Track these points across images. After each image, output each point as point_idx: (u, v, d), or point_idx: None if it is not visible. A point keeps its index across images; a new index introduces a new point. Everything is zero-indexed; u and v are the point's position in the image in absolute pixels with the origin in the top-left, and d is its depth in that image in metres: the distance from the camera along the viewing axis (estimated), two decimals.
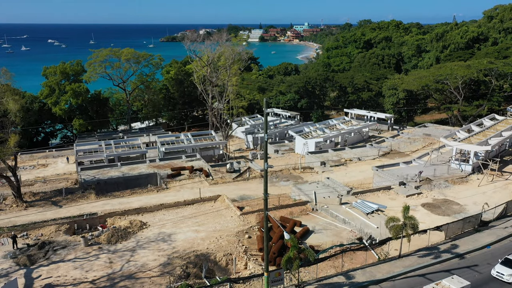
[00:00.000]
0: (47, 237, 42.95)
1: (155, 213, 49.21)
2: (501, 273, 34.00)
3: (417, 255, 38.38)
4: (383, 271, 35.87)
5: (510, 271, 33.55)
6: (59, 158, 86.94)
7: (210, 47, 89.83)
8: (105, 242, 41.44)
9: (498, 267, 34.59)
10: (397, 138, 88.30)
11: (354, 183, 59.87)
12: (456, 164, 61.29)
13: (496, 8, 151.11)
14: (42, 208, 52.65)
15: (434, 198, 51.67)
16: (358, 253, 38.53)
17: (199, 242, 41.23)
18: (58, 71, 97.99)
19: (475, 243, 40.55)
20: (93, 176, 64.39)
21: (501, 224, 44.36)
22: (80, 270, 36.43)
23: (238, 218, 46.98)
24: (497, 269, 34.48)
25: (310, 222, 45.46)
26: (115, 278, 35.19)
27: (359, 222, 44.93)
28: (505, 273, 33.73)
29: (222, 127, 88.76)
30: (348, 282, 34.30)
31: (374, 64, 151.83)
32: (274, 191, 55.44)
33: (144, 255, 39.11)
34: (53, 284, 34.44)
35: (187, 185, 60.87)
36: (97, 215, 47.63)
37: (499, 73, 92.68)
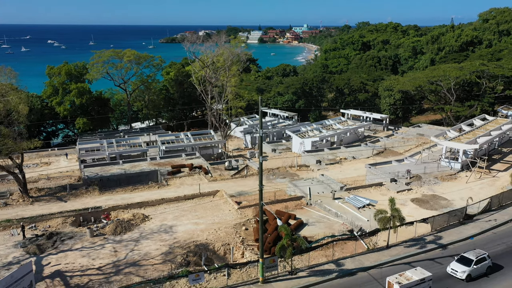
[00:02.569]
0: (54, 228, 45.31)
1: (156, 207, 51.58)
2: (455, 270, 35.27)
3: (403, 245, 40.77)
4: (371, 259, 38.25)
5: (464, 268, 34.88)
6: (61, 157, 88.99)
7: (209, 49, 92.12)
8: (109, 233, 43.79)
9: (453, 264, 35.89)
10: (392, 138, 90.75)
11: (348, 180, 62.13)
12: (446, 162, 63.71)
13: (492, 11, 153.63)
14: (48, 203, 54.89)
15: (423, 194, 54.06)
16: (348, 243, 40.90)
17: (199, 233, 43.61)
18: (63, 72, 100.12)
19: (459, 234, 42.95)
20: (96, 173, 66.67)
21: (485, 218, 46.75)
22: (87, 258, 38.80)
23: (236, 212, 49.36)
24: (451, 266, 35.75)
25: (304, 216, 47.83)
26: (120, 265, 37.56)
27: (351, 216, 47.29)
28: (458, 270, 35.07)
29: (221, 127, 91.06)
30: (338, 269, 36.68)
31: (371, 65, 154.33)
32: (271, 187, 57.66)
33: (147, 245, 41.49)
34: (62, 270, 36.80)
35: (187, 181, 63.21)
36: (102, 209, 49.97)
37: (491, 75, 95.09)
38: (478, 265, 34.96)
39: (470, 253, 36.05)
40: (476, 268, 34.77)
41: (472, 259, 35.11)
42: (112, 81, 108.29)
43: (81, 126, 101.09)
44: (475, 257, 35.25)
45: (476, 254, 35.72)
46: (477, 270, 34.90)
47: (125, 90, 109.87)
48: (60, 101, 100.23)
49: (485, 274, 35.28)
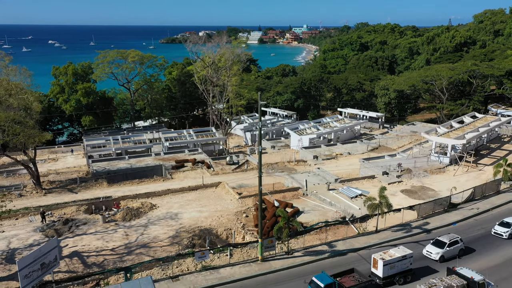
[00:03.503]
0: (69, 215, 48.88)
1: (163, 197, 55.17)
2: (430, 252, 38.77)
3: (391, 230, 44.36)
4: (361, 242, 41.84)
5: (438, 250, 38.34)
6: (68, 153, 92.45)
7: (211, 49, 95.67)
8: (120, 219, 47.39)
9: (428, 246, 39.38)
10: (386, 135, 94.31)
11: (343, 174, 65.62)
12: (435, 157, 67.31)
13: (486, 12, 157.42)
14: (60, 194, 58.40)
15: (413, 185, 57.66)
16: (340, 228, 44.48)
17: (203, 220, 47.21)
18: (70, 71, 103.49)
19: (442, 221, 46.54)
20: (103, 167, 70.16)
21: (468, 206, 50.34)
22: (101, 241, 42.39)
23: (237, 201, 52.96)
24: (427, 249, 39.21)
25: (300, 205, 51.40)
26: (132, 247, 41.17)
27: (344, 205, 50.87)
28: (433, 251, 38.57)
29: (222, 125, 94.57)
30: (330, 250, 40.26)
31: (368, 66, 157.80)
32: (270, 180, 61.22)
33: (155, 229, 45.08)
34: (79, 251, 40.39)
35: (190, 175, 66.72)
36: (112, 198, 53.54)
37: (483, 75, 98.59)
38: (450, 247, 38.57)
39: (444, 237, 39.68)
40: (448, 250, 38.39)
41: (446, 242, 38.74)
42: (116, 80, 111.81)
43: (87, 123, 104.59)
44: (448, 240, 38.87)
45: (449, 238, 39.33)
46: (450, 252, 38.52)
47: (129, 90, 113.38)
48: (66, 99, 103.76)
49: (457, 256, 38.82)
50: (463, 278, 32.21)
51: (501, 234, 42.23)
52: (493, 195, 53.75)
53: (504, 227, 42.65)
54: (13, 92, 58.66)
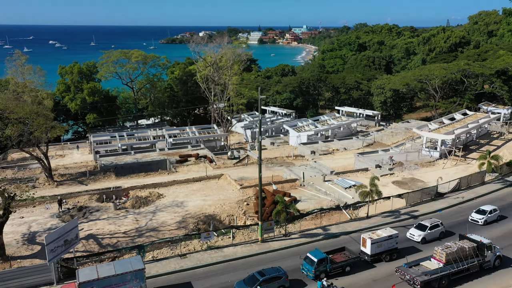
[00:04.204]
0: (82, 203, 52.50)
1: (169, 187, 58.82)
2: (412, 234, 42.64)
3: (381, 216, 48.05)
4: (353, 226, 45.52)
5: (420, 233, 42.17)
6: (74, 150, 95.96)
7: (213, 49, 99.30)
8: (130, 207, 51.07)
9: (412, 229, 43.24)
10: (381, 132, 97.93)
11: (339, 167, 69.25)
12: (426, 151, 70.98)
13: (480, 13, 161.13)
14: (70, 186, 61.94)
15: (403, 177, 61.32)
16: (334, 215, 48.14)
17: (207, 207, 50.88)
18: (75, 71, 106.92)
19: (429, 208, 50.25)
20: (111, 161, 73.75)
21: (454, 195, 54.06)
22: (114, 225, 46.04)
23: (239, 191, 56.60)
24: (410, 231, 43.10)
25: (297, 194, 55.04)
26: (142, 230, 44.84)
27: (338, 194, 54.53)
28: (415, 234, 42.46)
29: (223, 122, 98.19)
30: (324, 233, 43.91)
31: (365, 65, 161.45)
32: (269, 173, 64.73)
33: (163, 216, 48.73)
34: (94, 234, 44.03)
35: (193, 169, 70.31)
36: (121, 188, 57.17)
37: (476, 74, 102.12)
38: (432, 230, 42.41)
39: (426, 221, 43.58)
40: (430, 232, 42.20)
41: (427, 225, 42.61)
42: (119, 79, 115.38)
43: (91, 121, 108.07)
44: (429, 224, 42.73)
45: (431, 222, 43.18)
46: (431, 235, 42.35)
47: (132, 89, 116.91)
48: (72, 98, 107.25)
49: (438, 238, 42.70)
50: (473, 241, 36.95)
51: (477, 221, 45.97)
52: (478, 185, 57.48)
53: (480, 214, 46.37)
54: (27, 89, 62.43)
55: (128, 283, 31.94)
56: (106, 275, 31.40)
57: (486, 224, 45.16)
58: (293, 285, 34.77)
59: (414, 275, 33.77)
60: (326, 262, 35.48)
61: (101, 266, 32.92)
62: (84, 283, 30.67)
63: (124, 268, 32.19)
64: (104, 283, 31.22)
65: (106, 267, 32.59)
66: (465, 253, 35.58)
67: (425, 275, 33.81)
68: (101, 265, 33.46)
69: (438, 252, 35.48)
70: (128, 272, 31.90)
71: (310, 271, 35.22)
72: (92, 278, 30.95)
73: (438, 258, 35.28)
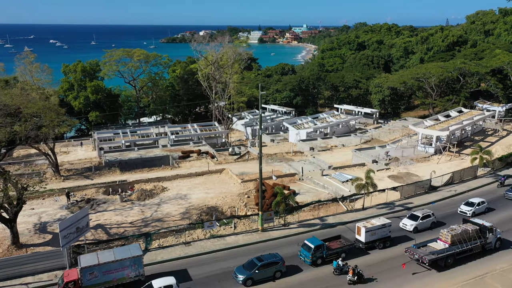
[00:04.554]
0: (90, 196, 54.62)
1: (172, 181, 60.95)
2: (405, 224, 44.91)
3: (376, 208, 50.19)
4: (349, 217, 47.65)
5: (412, 223, 44.39)
6: (78, 147, 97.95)
7: (214, 48, 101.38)
8: (136, 199, 53.24)
9: (404, 220, 45.50)
10: (379, 130, 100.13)
11: (337, 162, 71.29)
12: (421, 147, 73.08)
13: (478, 13, 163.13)
14: (77, 180, 64.00)
15: (399, 172, 63.42)
16: (331, 206, 50.27)
17: (209, 199, 53.02)
18: (79, 69, 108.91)
19: (423, 200, 52.39)
20: (115, 157, 75.78)
21: (447, 189, 56.19)
22: (121, 216, 48.17)
23: (240, 185, 58.73)
24: (403, 221, 45.37)
25: (296, 188, 57.17)
26: (148, 221, 46.98)
27: (335, 188, 56.63)
28: (408, 224, 44.70)
29: (224, 120, 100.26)
30: (321, 223, 46.04)
31: (364, 64, 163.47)
32: (269, 168, 66.85)
33: (167, 207, 50.87)
34: (102, 224, 46.15)
35: (195, 164, 72.36)
36: (127, 182, 59.28)
37: (472, 72, 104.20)
38: (423, 220, 44.62)
39: (418, 211, 45.80)
40: (421, 222, 44.41)
41: (419, 215, 44.84)
42: (122, 78, 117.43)
43: (94, 119, 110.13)
44: (421, 214, 44.97)
45: (422, 212, 45.38)
46: (423, 224, 44.55)
47: (134, 87, 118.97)
48: (75, 96, 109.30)
49: (429, 227, 44.92)
50: (476, 224, 39.83)
51: (465, 213, 48.06)
52: (471, 179, 59.61)
53: (469, 206, 48.51)
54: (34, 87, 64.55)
55: (127, 268, 34.06)
56: (106, 260, 33.50)
57: (474, 215, 47.19)
58: (291, 270, 36.91)
59: (422, 254, 36.62)
60: (323, 248, 37.61)
61: (101, 253, 35.05)
62: (85, 268, 32.75)
63: (123, 255, 34.31)
64: (104, 268, 33.30)
65: (107, 254, 34.73)
66: (469, 235, 38.56)
67: (432, 254, 36.74)
68: (101, 252, 35.58)
69: (444, 234, 38.50)
70: (127, 258, 34.02)
71: (307, 257, 37.37)
72: (93, 264, 33.07)
73: (444, 240, 38.31)
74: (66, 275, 33.17)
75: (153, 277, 34.46)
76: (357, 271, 34.86)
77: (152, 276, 34.70)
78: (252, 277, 34.90)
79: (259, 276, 35.10)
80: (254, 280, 34.98)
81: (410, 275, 36.20)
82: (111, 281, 33.76)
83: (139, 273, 34.60)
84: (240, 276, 34.96)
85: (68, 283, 32.44)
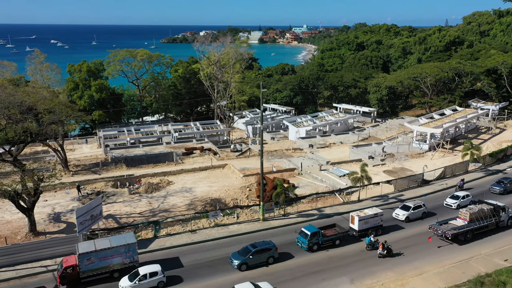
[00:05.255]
0: (99, 189, 57.48)
1: (177, 175, 63.83)
2: (397, 214, 47.85)
3: (371, 200, 53.04)
4: (345, 208, 50.51)
5: (404, 213, 47.31)
6: (83, 144, 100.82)
7: (216, 48, 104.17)
8: (143, 192, 56.09)
9: (397, 210, 48.39)
10: (376, 128, 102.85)
11: (335, 158, 74.09)
12: (416, 144, 75.90)
13: (474, 14, 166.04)
14: (85, 175, 66.80)
15: (394, 167, 66.26)
16: (329, 199, 53.09)
17: (213, 192, 55.90)
18: (84, 69, 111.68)
19: (415, 193, 55.24)
20: (121, 154, 78.61)
21: (439, 182, 59.04)
22: (129, 207, 51.06)
23: (242, 179, 61.60)
24: (395, 212, 48.30)
25: (295, 181, 60.03)
26: (155, 211, 49.87)
27: (333, 181, 59.47)
28: (400, 214, 47.64)
29: (225, 118, 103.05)
30: (319, 213, 48.88)
31: (363, 64, 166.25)
32: (269, 164, 69.65)
33: (173, 199, 53.73)
34: (112, 214, 49.02)
35: (199, 160, 75.18)
36: (134, 176, 62.12)
37: (466, 72, 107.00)
38: (415, 210, 47.51)
39: (410, 202, 48.89)
40: (413, 212, 47.31)
41: (411, 206, 47.81)
42: (125, 78, 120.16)
43: (97, 117, 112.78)
44: (413, 205, 47.88)
45: (414, 203, 48.36)
46: (414, 214, 47.47)
47: (137, 86, 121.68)
48: (80, 95, 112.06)
49: (420, 217, 47.91)
50: (490, 205, 44.92)
51: (451, 205, 50.92)
52: (462, 174, 62.41)
53: (454, 199, 51.30)
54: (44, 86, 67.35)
55: (122, 255, 36.35)
56: (102, 247, 35.75)
57: (459, 208, 49.98)
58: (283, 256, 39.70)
59: (445, 230, 41.58)
60: (318, 235, 40.44)
61: (98, 240, 37.30)
62: (83, 254, 34.92)
63: (118, 242, 36.61)
64: (100, 254, 35.51)
65: (103, 241, 36.95)
66: (485, 214, 43.54)
67: (454, 230, 41.67)
68: (98, 240, 37.82)
69: (463, 213, 43.60)
70: (121, 245, 36.30)
71: (304, 243, 40.19)
72: (90, 250, 35.23)
73: (463, 218, 43.34)
74: (65, 261, 35.14)
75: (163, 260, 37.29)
76: (386, 246, 39.27)
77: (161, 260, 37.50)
78: (247, 262, 37.51)
79: (253, 261, 37.68)
80: (248, 265, 37.60)
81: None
82: (107, 267, 35.81)
83: (134, 260, 36.76)
84: (235, 261, 37.53)
85: (67, 268, 34.39)
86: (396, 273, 36.72)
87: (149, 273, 34.39)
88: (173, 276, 35.97)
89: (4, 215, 48.97)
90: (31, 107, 52.34)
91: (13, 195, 40.67)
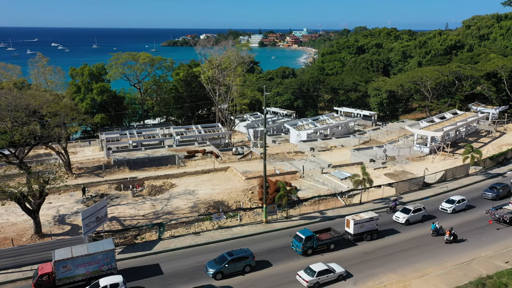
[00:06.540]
0: (103, 191, 57.93)
1: (180, 178, 64.31)
2: (398, 217, 48.40)
3: (372, 202, 53.53)
4: (347, 210, 50.97)
5: (404, 215, 47.89)
6: (85, 147, 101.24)
7: (217, 52, 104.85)
8: (146, 194, 56.55)
9: (397, 213, 48.95)
10: (377, 131, 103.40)
11: (336, 161, 74.59)
12: (417, 147, 76.42)
13: (474, 18, 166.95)
14: (88, 178, 67.21)
15: (395, 170, 66.73)
16: (330, 201, 53.59)
17: (216, 195, 56.36)
18: (86, 72, 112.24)
19: (416, 196, 55.74)
20: (123, 156, 79.03)
21: (440, 185, 59.54)
22: (133, 210, 51.50)
23: (244, 182, 62.06)
24: (396, 215, 48.84)
25: (297, 184, 60.45)
26: (159, 214, 50.32)
27: (334, 184, 59.93)
28: (400, 216, 48.21)
29: (227, 122, 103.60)
30: (321, 216, 49.34)
31: (363, 68, 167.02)
32: (271, 167, 70.11)
33: (176, 202, 54.18)
34: (117, 216, 49.45)
35: (201, 163, 75.62)
36: (137, 178, 62.58)
37: (466, 76, 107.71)
38: (415, 213, 48.06)
39: (410, 205, 49.43)
40: (413, 215, 47.89)
41: (411, 209, 48.41)
42: (127, 81, 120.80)
43: (99, 120, 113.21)
44: (413, 208, 48.45)
45: (414, 206, 48.95)
46: (414, 217, 48.05)
47: (139, 90, 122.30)
48: (82, 98, 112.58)
49: (420, 220, 48.49)
50: None
51: (446, 209, 51.43)
52: (463, 177, 62.93)
53: (449, 203, 51.77)
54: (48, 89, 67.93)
55: (100, 262, 35.62)
56: (79, 254, 34.92)
57: (454, 212, 50.46)
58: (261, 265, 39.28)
59: (503, 214, 46.60)
60: (313, 239, 40.83)
61: (75, 247, 36.19)
62: (59, 261, 34.24)
63: (96, 249, 35.81)
64: (77, 261, 34.67)
65: (80, 248, 36.07)
66: None
67: (510, 214, 46.63)
68: (75, 246, 36.56)
69: None
70: (99, 252, 35.46)
71: (298, 247, 40.58)
72: (66, 257, 34.43)
73: None
74: (40, 268, 34.56)
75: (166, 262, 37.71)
76: (452, 232, 42.66)
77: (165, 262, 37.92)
78: (222, 271, 36.89)
79: (229, 270, 37.10)
80: (223, 273, 36.83)
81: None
82: (83, 274, 35.07)
83: (112, 267, 35.99)
84: (210, 270, 36.90)
85: (42, 276, 33.72)
86: (398, 274, 37.23)
87: (110, 284, 33.20)
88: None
89: (9, 217, 49.42)
90: (36, 110, 52.95)
91: (19, 197, 41.14)
